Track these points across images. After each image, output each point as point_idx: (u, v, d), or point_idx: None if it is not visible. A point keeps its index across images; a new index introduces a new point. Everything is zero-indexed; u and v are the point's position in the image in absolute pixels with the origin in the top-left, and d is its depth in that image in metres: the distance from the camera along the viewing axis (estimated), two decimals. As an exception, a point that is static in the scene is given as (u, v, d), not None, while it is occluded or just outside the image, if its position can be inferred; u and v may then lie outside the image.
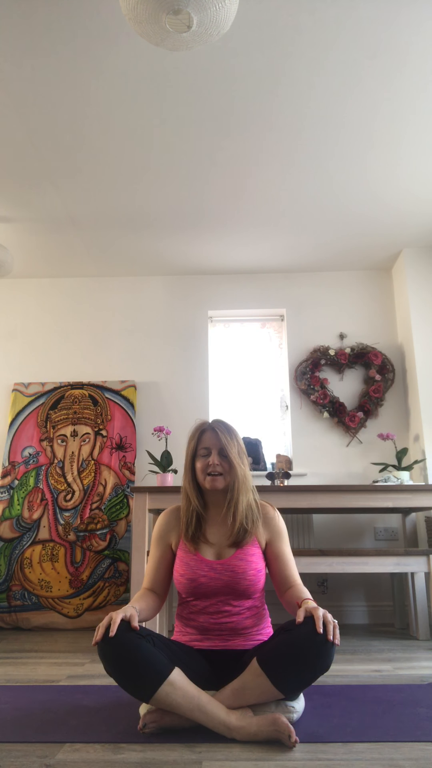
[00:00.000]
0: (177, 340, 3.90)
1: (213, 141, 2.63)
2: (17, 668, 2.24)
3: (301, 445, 3.64)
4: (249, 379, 3.91)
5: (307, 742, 1.38)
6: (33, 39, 2.05)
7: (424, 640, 2.77)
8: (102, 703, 1.73)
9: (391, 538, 3.46)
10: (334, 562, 2.67)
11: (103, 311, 3.98)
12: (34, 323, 3.97)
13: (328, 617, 1.41)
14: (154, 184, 2.95)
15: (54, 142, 2.62)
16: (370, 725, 1.49)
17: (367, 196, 3.09)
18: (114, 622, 1.41)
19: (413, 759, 1.27)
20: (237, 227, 3.40)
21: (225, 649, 1.62)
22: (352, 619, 3.34)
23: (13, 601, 3.25)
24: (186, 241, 3.57)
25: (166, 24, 1.69)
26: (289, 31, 2.04)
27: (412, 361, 3.55)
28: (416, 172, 2.88)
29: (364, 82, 2.29)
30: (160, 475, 3.13)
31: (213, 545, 1.71)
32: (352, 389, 3.74)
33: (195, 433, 1.78)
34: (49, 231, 3.42)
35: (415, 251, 3.69)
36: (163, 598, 1.75)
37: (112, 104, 2.39)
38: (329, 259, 3.82)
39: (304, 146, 2.67)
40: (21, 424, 3.68)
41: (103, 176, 2.89)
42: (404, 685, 1.91)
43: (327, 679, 2.00)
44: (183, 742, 1.38)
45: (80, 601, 3.25)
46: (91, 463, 3.56)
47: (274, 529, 1.75)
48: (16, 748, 1.37)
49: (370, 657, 2.41)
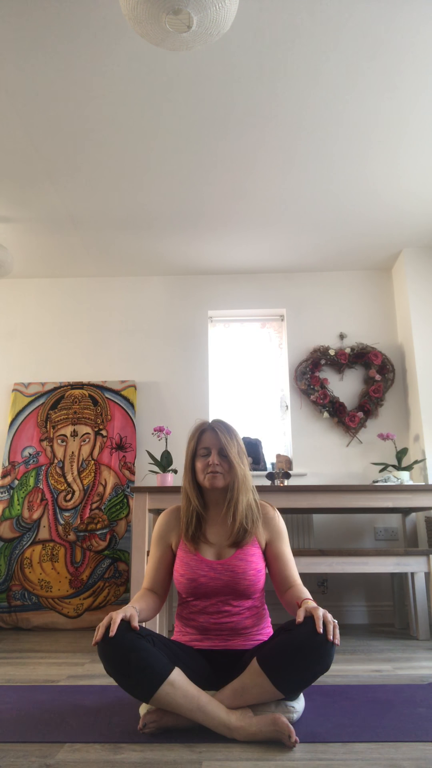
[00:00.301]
0: (177, 340, 3.90)
1: (213, 141, 2.63)
2: (17, 668, 2.24)
3: (301, 445, 3.64)
4: (249, 379, 3.91)
5: (307, 742, 1.38)
6: (33, 39, 2.05)
7: (424, 640, 2.77)
8: (102, 703, 1.73)
9: (391, 538, 3.46)
10: (334, 562, 2.67)
11: (103, 311, 3.98)
12: (34, 323, 3.97)
13: (328, 617, 1.41)
14: (154, 184, 2.95)
15: (54, 142, 2.62)
16: (370, 725, 1.49)
17: (367, 196, 3.09)
18: (114, 622, 1.41)
19: (413, 759, 1.27)
20: (237, 227, 3.40)
21: (225, 649, 1.62)
22: (352, 619, 3.34)
23: (13, 601, 3.25)
24: (186, 241, 3.57)
25: (166, 24, 1.70)
26: (289, 31, 2.04)
27: (412, 361, 3.55)
28: (416, 172, 2.88)
29: (364, 82, 2.29)
30: (160, 475, 3.13)
31: (213, 545, 1.71)
32: (352, 389, 3.74)
33: (195, 433, 1.78)
34: (49, 231, 3.42)
35: (415, 251, 3.69)
36: (164, 598, 1.75)
37: (112, 104, 2.39)
38: (329, 259, 3.82)
39: (304, 146, 2.67)
40: (21, 424, 3.68)
41: (103, 176, 2.89)
42: (404, 685, 1.91)
43: (327, 679, 2.00)
44: (183, 742, 1.38)
45: (80, 601, 3.25)
46: (91, 463, 3.56)
47: (274, 529, 1.75)
48: (16, 748, 1.36)
49: (370, 657, 2.41)
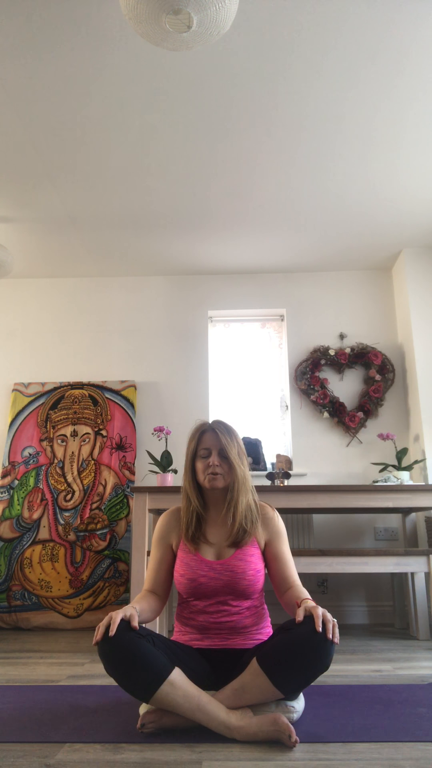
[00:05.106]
0: (177, 340, 3.90)
1: (213, 140, 2.63)
2: (17, 668, 2.24)
3: (301, 445, 3.64)
4: (249, 379, 3.91)
5: (307, 742, 1.38)
6: (33, 39, 2.05)
7: (424, 640, 2.77)
8: (102, 703, 1.73)
9: (391, 538, 3.46)
10: (334, 562, 2.67)
11: (103, 311, 3.98)
12: (34, 323, 3.98)
13: (328, 616, 1.41)
14: (154, 184, 2.95)
15: (54, 142, 2.62)
16: (370, 725, 1.49)
17: (368, 196, 3.09)
18: (114, 621, 1.41)
19: (413, 759, 1.27)
20: (237, 227, 3.40)
21: (224, 648, 1.62)
22: (352, 619, 3.34)
23: (13, 601, 3.25)
24: (186, 241, 3.57)
25: (166, 24, 1.70)
26: (289, 31, 2.04)
27: (412, 361, 3.55)
28: (416, 172, 2.88)
29: (364, 82, 2.29)
30: (160, 475, 3.13)
31: (213, 545, 1.71)
32: (352, 389, 3.74)
33: (195, 433, 1.78)
34: (49, 231, 3.42)
35: (415, 251, 3.69)
36: (164, 599, 1.74)
37: (112, 104, 2.39)
38: (329, 259, 3.82)
39: (304, 146, 2.67)
40: (21, 424, 3.68)
41: (103, 176, 2.89)
42: (404, 685, 1.90)
43: (327, 679, 2.00)
44: (183, 742, 1.38)
45: (80, 601, 3.25)
46: (91, 463, 3.56)
47: (273, 529, 1.75)
48: (16, 748, 1.36)
49: (370, 657, 2.40)
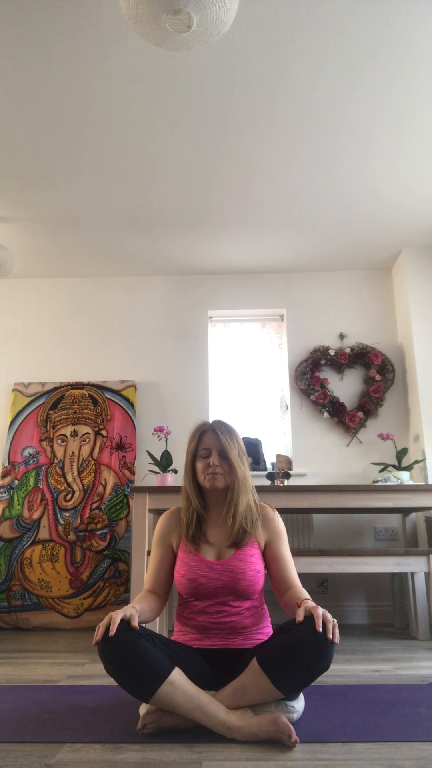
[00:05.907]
0: (177, 340, 3.90)
1: (213, 140, 2.63)
2: (17, 668, 2.24)
3: (301, 445, 3.64)
4: (249, 379, 3.91)
5: (307, 742, 1.38)
6: (33, 39, 2.05)
7: (424, 640, 2.77)
8: (102, 703, 1.73)
9: (391, 538, 3.46)
10: (334, 562, 2.67)
11: (103, 311, 3.98)
12: (34, 323, 3.98)
13: (328, 616, 1.41)
14: (154, 184, 2.95)
15: (54, 142, 2.62)
16: (370, 725, 1.49)
17: (368, 196, 3.09)
18: (114, 621, 1.41)
19: (413, 759, 1.27)
20: (237, 227, 3.40)
21: (224, 648, 1.62)
22: (352, 619, 3.34)
23: (13, 601, 3.25)
24: (186, 241, 3.56)
25: (166, 24, 1.69)
26: (289, 31, 2.04)
27: (412, 361, 3.55)
28: (416, 172, 2.88)
29: (364, 82, 2.29)
30: (160, 475, 3.13)
31: (213, 546, 1.71)
32: (352, 389, 3.74)
33: (195, 434, 1.78)
34: (49, 231, 3.42)
35: (415, 251, 3.69)
36: (165, 599, 1.74)
37: (112, 104, 2.39)
38: (329, 259, 3.82)
39: (304, 146, 2.67)
40: (21, 424, 3.68)
41: (104, 176, 2.89)
42: (404, 685, 1.91)
43: (327, 679, 2.00)
44: (183, 742, 1.38)
45: (80, 601, 3.25)
46: (91, 463, 3.56)
47: (273, 530, 1.75)
48: (16, 748, 1.36)
49: (370, 657, 2.41)
